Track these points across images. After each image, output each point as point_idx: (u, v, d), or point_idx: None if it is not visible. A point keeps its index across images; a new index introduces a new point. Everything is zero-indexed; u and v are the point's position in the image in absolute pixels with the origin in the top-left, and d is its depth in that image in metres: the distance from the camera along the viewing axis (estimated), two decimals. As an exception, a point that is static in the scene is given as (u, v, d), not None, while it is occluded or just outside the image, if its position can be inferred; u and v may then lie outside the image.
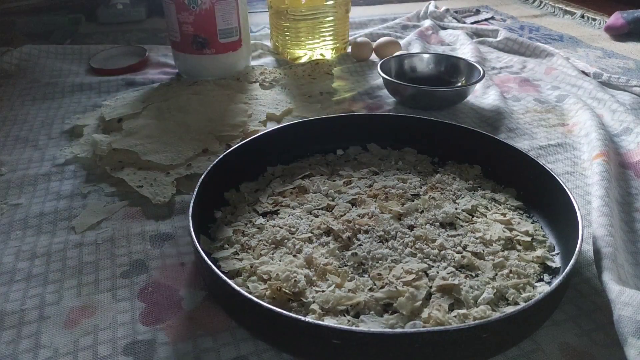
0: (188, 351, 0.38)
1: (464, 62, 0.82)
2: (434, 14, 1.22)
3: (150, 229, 0.51)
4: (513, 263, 0.44)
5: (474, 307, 0.39)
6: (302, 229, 0.47)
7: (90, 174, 0.60)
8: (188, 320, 0.40)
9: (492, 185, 0.56)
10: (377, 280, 0.41)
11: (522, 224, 0.49)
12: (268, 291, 0.40)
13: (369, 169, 0.58)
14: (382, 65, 0.79)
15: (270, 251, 0.45)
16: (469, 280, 0.41)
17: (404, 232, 0.47)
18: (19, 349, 0.38)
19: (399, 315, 0.38)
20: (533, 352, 0.38)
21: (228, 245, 0.46)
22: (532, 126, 0.72)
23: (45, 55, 0.95)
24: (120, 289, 0.43)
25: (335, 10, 0.93)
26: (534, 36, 1.15)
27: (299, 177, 0.56)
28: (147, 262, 0.46)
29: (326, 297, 0.39)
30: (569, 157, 0.65)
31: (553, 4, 1.37)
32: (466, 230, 0.48)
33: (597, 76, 0.87)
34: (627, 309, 0.36)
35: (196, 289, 0.43)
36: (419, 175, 0.57)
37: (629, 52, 1.03)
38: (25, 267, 0.46)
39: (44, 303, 0.42)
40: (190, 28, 0.81)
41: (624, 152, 0.65)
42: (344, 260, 0.44)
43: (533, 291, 0.41)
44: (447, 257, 0.44)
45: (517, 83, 0.87)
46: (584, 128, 0.69)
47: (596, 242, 0.44)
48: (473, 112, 0.75)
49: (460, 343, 0.34)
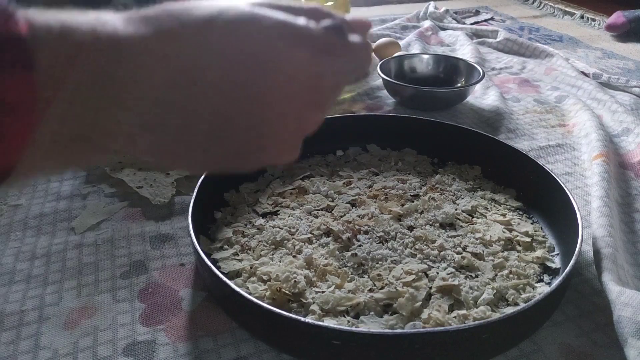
0: (188, 352, 0.38)
1: (463, 62, 0.82)
2: (433, 15, 1.22)
3: (150, 229, 0.51)
4: (513, 264, 0.44)
5: (474, 308, 0.39)
6: (302, 229, 0.47)
7: (90, 174, 0.60)
8: (188, 321, 0.40)
9: (492, 185, 0.56)
10: (377, 280, 0.41)
11: (522, 224, 0.49)
12: (268, 292, 0.40)
13: (369, 169, 0.58)
14: (381, 66, 0.79)
15: (270, 252, 0.45)
16: (468, 281, 0.42)
17: (404, 232, 0.47)
18: (18, 350, 0.38)
19: (398, 316, 0.38)
20: (533, 353, 0.38)
21: (228, 245, 0.46)
22: (532, 127, 0.72)
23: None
24: (120, 289, 0.43)
25: (335, 11, 0.93)
26: (533, 37, 1.15)
27: (298, 177, 0.56)
28: (147, 263, 0.46)
29: (326, 297, 0.39)
30: (569, 157, 0.65)
31: (553, 4, 1.37)
32: (466, 230, 0.48)
33: (597, 77, 0.87)
34: (627, 310, 0.36)
35: (196, 290, 0.43)
36: (419, 175, 0.57)
37: (629, 53, 1.04)
38: (25, 267, 0.46)
39: (43, 304, 0.42)
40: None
41: (623, 153, 0.65)
42: (343, 261, 0.44)
43: (533, 292, 0.41)
44: (447, 258, 0.44)
45: (517, 84, 0.87)
46: (583, 129, 0.69)
47: (596, 243, 0.44)
48: (473, 112, 0.75)
49: (460, 344, 0.34)
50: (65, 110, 0.20)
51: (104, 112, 0.21)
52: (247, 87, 0.24)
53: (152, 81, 0.22)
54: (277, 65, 0.25)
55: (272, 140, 0.27)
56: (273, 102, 0.25)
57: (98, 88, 0.21)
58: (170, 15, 0.23)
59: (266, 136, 0.26)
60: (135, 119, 0.22)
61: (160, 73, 0.22)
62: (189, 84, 0.23)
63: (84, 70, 0.20)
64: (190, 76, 0.23)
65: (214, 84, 0.23)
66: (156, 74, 0.22)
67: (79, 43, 0.20)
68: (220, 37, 0.23)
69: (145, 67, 0.22)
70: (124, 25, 0.22)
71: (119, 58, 0.21)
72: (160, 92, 0.22)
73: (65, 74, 0.20)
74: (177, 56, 0.23)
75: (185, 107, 0.23)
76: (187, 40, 0.23)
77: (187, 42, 0.23)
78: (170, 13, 0.23)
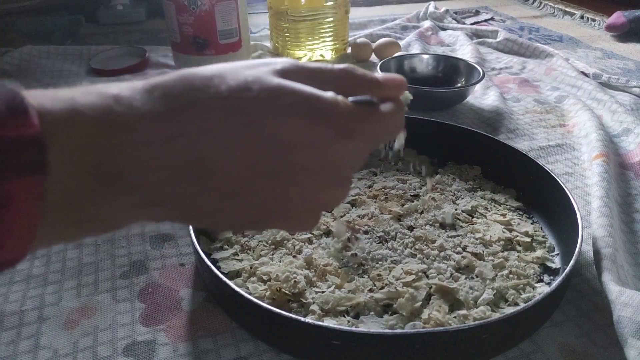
0: (188, 352, 0.38)
1: (463, 62, 0.82)
2: (433, 15, 1.22)
3: (150, 229, 0.51)
4: (513, 264, 0.44)
5: (474, 308, 0.39)
6: (302, 229, 0.47)
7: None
8: (188, 321, 0.40)
9: (491, 185, 0.56)
10: (377, 281, 0.41)
11: (521, 224, 0.49)
12: (268, 292, 0.40)
13: (369, 169, 0.58)
14: (381, 66, 0.79)
15: (270, 252, 0.45)
16: (468, 281, 0.42)
17: (404, 232, 0.47)
18: (18, 349, 0.38)
19: (398, 316, 0.38)
20: (533, 353, 0.38)
21: (228, 245, 0.46)
22: (532, 127, 0.72)
23: (46, 56, 0.95)
24: (120, 289, 0.43)
25: (334, 11, 0.93)
26: (533, 37, 1.15)
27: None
28: (147, 263, 0.46)
29: (326, 297, 0.39)
30: (569, 157, 0.65)
31: (553, 4, 1.37)
32: (466, 230, 0.48)
33: (597, 77, 0.87)
34: (626, 310, 0.36)
35: (196, 290, 0.43)
36: (419, 176, 0.57)
37: (629, 53, 1.04)
38: (25, 267, 0.46)
39: (43, 304, 0.42)
40: (190, 29, 0.81)
41: (623, 153, 0.65)
42: (343, 261, 0.44)
43: (533, 292, 0.41)
44: (447, 258, 0.44)
45: (517, 84, 0.87)
46: (583, 129, 0.69)
47: (596, 243, 0.44)
48: (473, 112, 0.75)
49: (460, 344, 0.34)
50: (69, 198, 0.20)
51: (109, 195, 0.21)
52: (264, 169, 0.24)
53: (152, 167, 0.21)
54: (296, 148, 0.24)
55: (289, 216, 0.26)
56: (285, 189, 0.24)
57: (104, 173, 0.20)
58: (190, 90, 0.22)
59: (281, 212, 0.26)
60: (134, 202, 0.22)
61: (161, 159, 0.21)
62: (189, 171, 0.22)
63: (93, 158, 0.20)
64: (192, 164, 0.22)
65: (217, 172, 0.23)
66: (156, 160, 0.21)
67: (90, 135, 0.20)
68: (228, 117, 0.22)
69: (147, 152, 0.21)
70: (127, 102, 0.21)
71: (123, 142, 0.20)
72: (161, 177, 0.22)
73: (73, 167, 0.19)
74: (178, 141, 0.22)
75: (184, 192, 0.23)
76: (192, 120, 0.22)
77: (191, 121, 0.22)
78: (190, 87, 0.22)
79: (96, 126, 0.20)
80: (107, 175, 0.20)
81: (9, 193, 0.18)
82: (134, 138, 0.21)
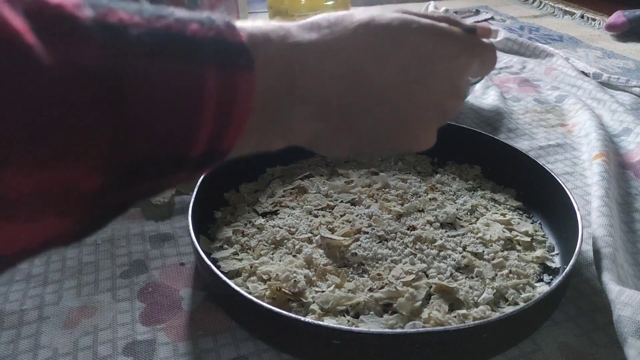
0: (188, 351, 0.38)
1: (463, 62, 0.82)
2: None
3: (150, 229, 0.51)
4: (513, 263, 0.44)
5: (474, 308, 0.39)
6: (301, 229, 0.47)
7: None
8: (188, 321, 0.40)
9: (491, 185, 0.56)
10: (377, 280, 0.41)
11: (521, 224, 0.49)
12: (268, 291, 0.40)
13: (369, 169, 0.58)
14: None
15: (270, 251, 0.45)
16: (468, 281, 0.42)
17: (404, 232, 0.47)
18: (18, 349, 0.38)
19: (398, 316, 0.38)
20: (533, 353, 0.38)
21: (228, 245, 0.46)
22: (532, 126, 0.72)
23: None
24: (120, 289, 0.43)
25: (335, 10, 0.93)
26: (533, 36, 1.15)
27: (298, 177, 0.56)
28: (147, 263, 0.46)
29: (326, 297, 0.39)
30: (569, 157, 0.65)
31: (553, 4, 1.37)
32: (466, 230, 0.48)
33: (597, 76, 0.87)
34: (626, 309, 0.36)
35: (196, 289, 0.43)
36: (419, 175, 0.57)
37: (629, 53, 1.04)
38: (25, 267, 0.46)
39: (43, 303, 0.42)
40: (190, 28, 0.81)
41: (623, 153, 0.65)
42: (343, 261, 0.44)
43: (533, 291, 0.41)
44: (447, 258, 0.44)
45: (517, 83, 0.87)
46: (583, 128, 0.69)
47: (596, 243, 0.44)
48: (473, 112, 0.75)
49: (460, 343, 0.34)
50: (267, 98, 0.24)
51: (287, 103, 0.26)
52: (402, 81, 0.28)
53: (321, 78, 0.26)
54: (428, 62, 0.29)
55: (416, 128, 0.30)
56: (422, 94, 0.29)
57: (287, 84, 0.25)
58: (331, 22, 0.28)
59: (411, 124, 0.30)
60: (306, 112, 0.27)
61: (328, 70, 0.26)
62: (350, 80, 0.27)
63: (281, 69, 0.25)
64: (352, 74, 0.27)
65: (371, 80, 0.27)
66: (324, 71, 0.26)
67: (278, 49, 0.25)
68: (376, 37, 0.28)
69: (317, 65, 0.26)
70: (297, 32, 0.26)
71: (299, 58, 0.26)
72: (328, 87, 0.27)
73: (271, 72, 0.24)
74: (341, 56, 0.27)
75: (345, 100, 0.27)
76: (348, 40, 0.27)
77: (348, 42, 0.27)
78: (331, 21, 0.28)
79: (280, 45, 0.25)
80: (290, 84, 0.25)
81: (236, 87, 0.22)
82: (308, 54, 0.26)
